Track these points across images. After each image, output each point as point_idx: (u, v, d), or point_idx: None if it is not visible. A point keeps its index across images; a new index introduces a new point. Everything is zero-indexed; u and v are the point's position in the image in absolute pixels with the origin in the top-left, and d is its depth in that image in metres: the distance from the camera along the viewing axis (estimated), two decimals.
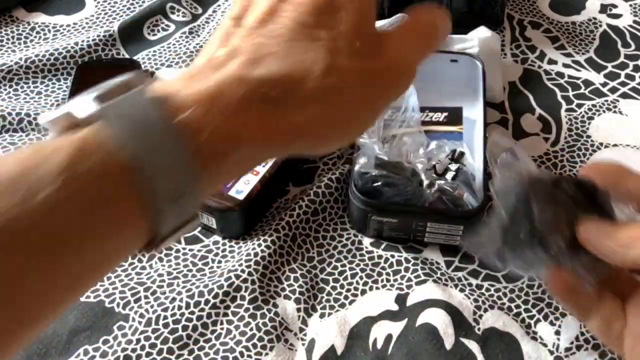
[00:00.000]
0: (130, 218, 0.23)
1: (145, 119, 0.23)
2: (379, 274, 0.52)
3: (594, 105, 0.66)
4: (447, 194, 0.52)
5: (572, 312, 0.35)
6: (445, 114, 0.60)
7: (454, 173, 0.53)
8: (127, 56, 0.70)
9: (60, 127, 0.24)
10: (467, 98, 0.61)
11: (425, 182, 0.53)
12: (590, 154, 0.62)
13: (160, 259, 0.52)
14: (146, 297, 0.50)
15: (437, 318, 0.48)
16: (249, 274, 0.50)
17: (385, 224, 0.51)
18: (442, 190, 0.52)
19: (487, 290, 0.51)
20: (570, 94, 0.67)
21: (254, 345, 0.47)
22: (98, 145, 0.22)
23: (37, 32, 0.72)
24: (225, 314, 0.49)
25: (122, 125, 0.23)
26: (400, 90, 0.29)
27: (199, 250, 0.53)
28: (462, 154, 0.55)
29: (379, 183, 0.52)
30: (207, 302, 0.49)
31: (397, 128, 0.57)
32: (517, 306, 0.50)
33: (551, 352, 0.47)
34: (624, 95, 0.67)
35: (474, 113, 0.60)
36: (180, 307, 0.49)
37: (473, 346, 0.47)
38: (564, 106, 0.66)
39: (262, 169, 0.54)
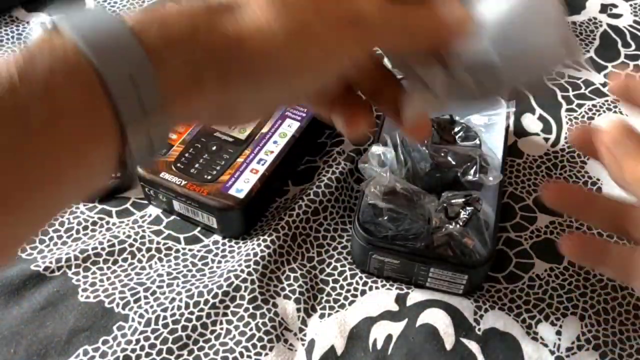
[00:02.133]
0: (94, 105, 0.24)
1: (102, 21, 0.25)
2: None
3: (594, 105, 0.66)
4: (455, 239, 0.50)
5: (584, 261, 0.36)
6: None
7: (466, 218, 0.50)
8: None
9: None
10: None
11: (434, 224, 0.50)
12: None
13: (160, 259, 0.52)
14: (146, 297, 0.50)
15: (437, 318, 0.48)
16: (249, 273, 0.50)
17: (386, 264, 0.49)
18: (450, 235, 0.50)
19: (488, 290, 0.51)
20: (571, 94, 0.67)
21: (254, 346, 0.47)
22: (59, 43, 0.24)
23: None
24: (225, 314, 0.49)
25: (79, 26, 0.24)
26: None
27: (198, 251, 0.53)
28: (477, 199, 0.51)
29: (385, 218, 0.50)
30: (206, 302, 0.49)
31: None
32: (518, 306, 0.50)
33: (552, 352, 0.47)
34: None
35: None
36: (179, 308, 0.49)
37: (473, 346, 0.47)
38: (564, 106, 0.66)
39: (261, 167, 0.54)
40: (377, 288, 0.51)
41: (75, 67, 0.23)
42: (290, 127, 0.57)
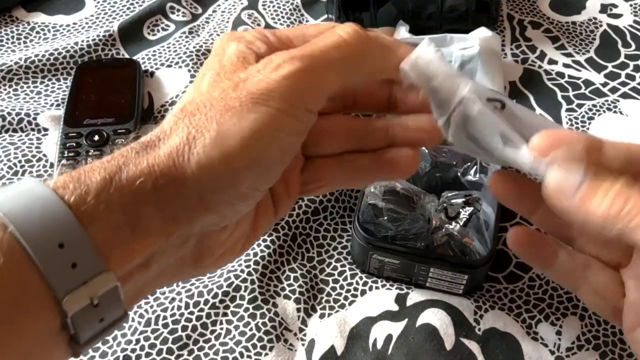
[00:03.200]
0: (20, 278, 0.22)
1: (26, 191, 0.24)
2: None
3: (594, 106, 0.66)
4: (455, 239, 0.50)
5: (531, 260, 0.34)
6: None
7: (466, 218, 0.50)
8: (127, 56, 0.70)
9: None
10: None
11: (434, 224, 0.50)
12: None
13: None
14: (145, 297, 0.49)
15: (437, 318, 0.48)
16: (249, 273, 0.50)
17: (386, 264, 0.49)
18: (450, 235, 0.50)
19: (488, 290, 0.51)
20: (571, 94, 0.67)
21: (254, 346, 0.47)
22: None
23: (37, 32, 0.72)
24: (225, 314, 0.49)
25: (2, 201, 0.23)
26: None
27: None
28: (477, 199, 0.51)
29: (385, 218, 0.50)
30: (206, 302, 0.49)
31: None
32: (518, 306, 0.50)
33: (552, 352, 0.47)
34: (625, 96, 0.67)
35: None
36: (179, 308, 0.49)
37: (473, 346, 0.47)
38: (564, 106, 0.66)
39: None
40: (377, 288, 0.51)
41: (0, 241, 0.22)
42: None
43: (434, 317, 0.48)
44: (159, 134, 0.27)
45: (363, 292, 0.51)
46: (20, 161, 0.59)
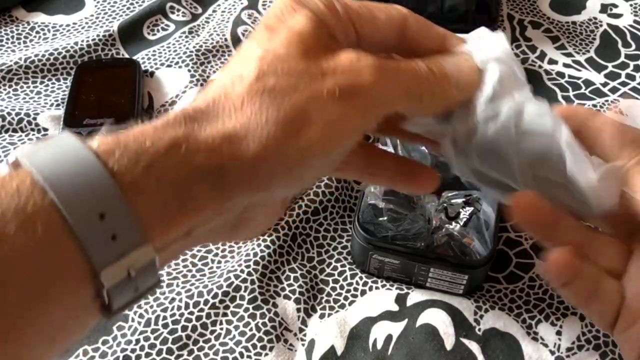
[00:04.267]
0: (56, 250, 0.21)
1: (67, 153, 0.22)
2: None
3: (594, 105, 0.66)
4: (455, 239, 0.50)
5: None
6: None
7: (466, 218, 0.50)
8: (127, 56, 0.70)
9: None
10: None
11: (434, 224, 0.50)
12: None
13: None
14: (145, 297, 0.49)
15: (437, 318, 0.48)
16: (249, 274, 0.50)
17: (386, 264, 0.49)
18: (451, 235, 0.50)
19: (488, 290, 0.51)
20: (571, 94, 0.67)
21: (254, 346, 0.47)
22: (20, 182, 0.21)
23: (37, 32, 0.72)
24: (225, 314, 0.49)
25: (41, 161, 0.22)
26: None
27: (198, 251, 0.53)
28: (477, 199, 0.51)
29: (384, 218, 0.50)
30: (206, 302, 0.49)
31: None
32: (518, 306, 0.50)
33: (552, 353, 0.47)
34: (624, 95, 0.67)
35: None
36: (179, 308, 0.49)
37: (473, 346, 0.47)
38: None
39: None
40: (377, 288, 0.51)
41: (34, 209, 0.21)
42: None
43: (434, 317, 0.48)
44: (223, 102, 0.25)
45: (363, 292, 0.51)
46: None
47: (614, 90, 0.68)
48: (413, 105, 0.28)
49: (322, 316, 0.49)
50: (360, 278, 0.51)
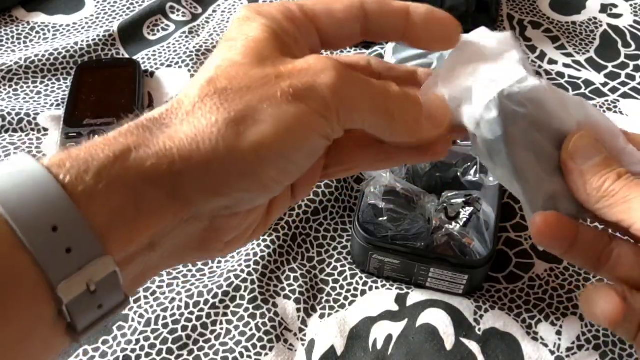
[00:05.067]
0: (9, 264, 0.21)
1: (18, 170, 0.22)
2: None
3: (594, 106, 0.66)
4: (455, 239, 0.50)
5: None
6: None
7: (466, 218, 0.50)
8: (127, 56, 0.70)
9: None
10: None
11: (434, 224, 0.50)
12: None
13: None
14: (145, 297, 0.49)
15: (437, 318, 0.48)
16: (249, 273, 0.50)
17: (386, 264, 0.49)
18: (450, 235, 0.50)
19: (488, 290, 0.51)
20: (571, 94, 0.67)
21: (254, 346, 0.47)
22: None
23: (37, 32, 0.72)
24: (225, 314, 0.49)
25: None
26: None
27: None
28: (477, 199, 0.51)
29: (384, 218, 0.50)
30: (206, 302, 0.49)
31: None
32: (518, 306, 0.50)
33: (552, 353, 0.47)
34: (625, 95, 0.67)
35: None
36: (179, 308, 0.49)
37: (473, 346, 0.47)
38: None
39: None
40: (377, 288, 0.51)
41: None
42: None
43: (434, 317, 0.48)
44: (176, 108, 0.25)
45: (363, 292, 0.51)
46: None
47: (614, 90, 0.68)
48: (381, 121, 0.28)
49: (322, 316, 0.49)
50: (360, 278, 0.51)
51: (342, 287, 0.51)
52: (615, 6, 0.77)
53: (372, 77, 0.28)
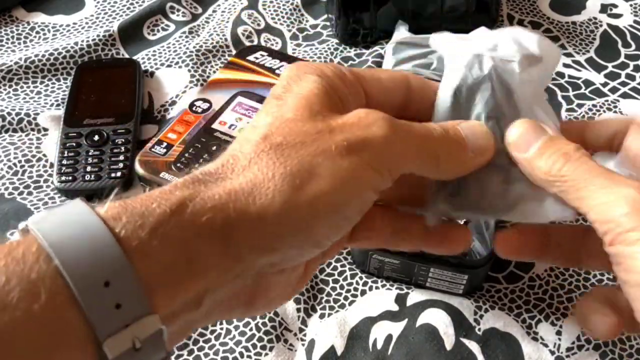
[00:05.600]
0: (57, 318, 0.21)
1: (73, 220, 0.22)
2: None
3: (594, 105, 0.66)
4: None
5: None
6: None
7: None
8: (127, 56, 0.70)
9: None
10: None
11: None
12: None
13: None
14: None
15: (437, 318, 0.48)
16: None
17: (386, 264, 0.49)
18: None
19: (488, 290, 0.51)
20: (571, 94, 0.67)
21: (254, 346, 0.47)
22: (25, 250, 0.21)
23: (37, 32, 0.72)
24: None
25: (48, 228, 0.22)
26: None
27: None
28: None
29: None
30: None
31: None
32: (518, 306, 0.50)
33: (552, 353, 0.47)
34: (625, 95, 0.67)
35: None
36: None
37: (473, 346, 0.47)
38: (565, 106, 0.66)
39: None
40: (377, 288, 0.51)
41: (39, 276, 0.21)
42: None
43: (434, 317, 0.48)
44: (232, 164, 0.25)
45: (363, 292, 0.51)
46: (20, 161, 0.59)
47: (614, 90, 0.68)
48: (429, 165, 0.28)
49: (322, 316, 0.49)
50: (360, 278, 0.51)
51: (342, 287, 0.51)
52: (615, 6, 0.77)
53: (410, 104, 0.30)
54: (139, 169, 0.55)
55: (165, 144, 0.56)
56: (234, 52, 0.70)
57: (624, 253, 0.25)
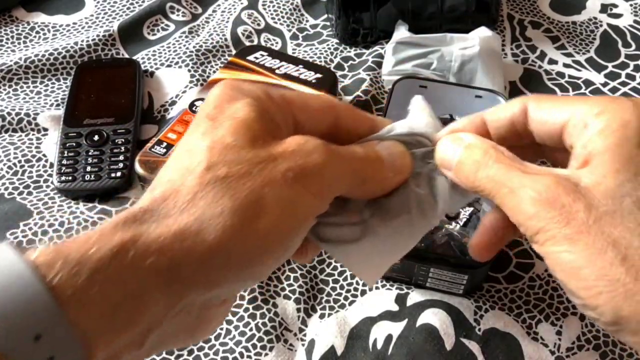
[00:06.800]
0: None
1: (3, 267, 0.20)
2: None
3: None
4: (456, 239, 0.50)
5: None
6: None
7: (466, 218, 0.50)
8: (126, 56, 0.70)
9: None
10: None
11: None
12: None
13: None
14: None
15: (437, 318, 0.48)
16: None
17: None
18: (450, 235, 0.50)
19: (488, 290, 0.51)
20: (571, 94, 0.67)
21: (254, 346, 0.47)
22: None
23: (37, 32, 0.72)
24: None
25: None
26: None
27: None
28: (477, 199, 0.51)
29: None
30: None
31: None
32: (518, 306, 0.50)
33: (552, 353, 0.47)
34: (625, 95, 0.67)
35: None
36: None
37: (474, 347, 0.47)
38: None
39: None
40: (377, 288, 0.51)
41: None
42: None
43: (434, 317, 0.48)
44: (173, 197, 0.24)
45: (363, 292, 0.51)
46: (20, 161, 0.59)
47: (614, 90, 0.68)
48: (356, 187, 0.29)
49: (322, 316, 0.49)
50: (361, 278, 0.51)
51: (342, 287, 0.51)
52: (615, 6, 0.77)
53: (336, 130, 0.30)
54: (139, 169, 0.55)
55: (165, 144, 0.56)
56: (234, 52, 0.70)
57: (540, 253, 0.26)
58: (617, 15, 0.76)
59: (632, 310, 0.23)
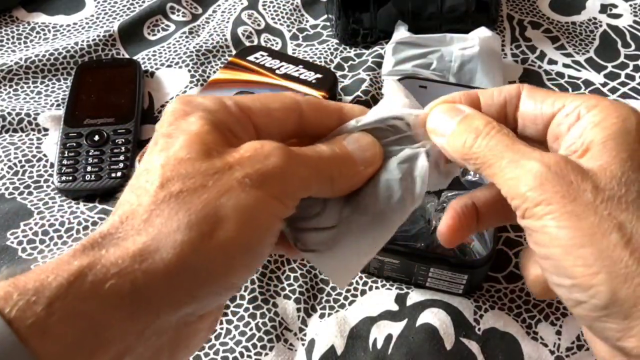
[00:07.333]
0: None
1: None
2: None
3: None
4: None
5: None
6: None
7: None
8: (127, 56, 0.70)
9: None
10: None
11: (434, 224, 0.50)
12: None
13: None
14: None
15: (437, 318, 0.48)
16: None
17: (386, 264, 0.49)
18: None
19: (488, 290, 0.51)
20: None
21: (254, 346, 0.47)
22: None
23: (37, 32, 0.72)
24: (225, 314, 0.49)
25: None
26: None
27: None
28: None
29: None
30: None
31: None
32: (518, 306, 0.50)
33: (552, 352, 0.47)
34: (624, 96, 0.67)
35: None
36: None
37: (473, 346, 0.47)
38: None
39: None
40: (377, 288, 0.51)
41: None
42: None
43: (434, 317, 0.48)
44: (130, 219, 0.23)
45: (363, 292, 0.51)
46: (20, 161, 0.59)
47: (613, 90, 0.68)
48: (325, 186, 0.28)
49: (322, 316, 0.49)
50: (360, 278, 0.51)
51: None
52: (615, 6, 0.78)
53: (303, 127, 0.30)
54: (136, 163, 0.55)
55: None
56: (234, 52, 0.70)
57: (533, 227, 0.26)
58: (617, 16, 0.76)
59: (629, 292, 0.23)
